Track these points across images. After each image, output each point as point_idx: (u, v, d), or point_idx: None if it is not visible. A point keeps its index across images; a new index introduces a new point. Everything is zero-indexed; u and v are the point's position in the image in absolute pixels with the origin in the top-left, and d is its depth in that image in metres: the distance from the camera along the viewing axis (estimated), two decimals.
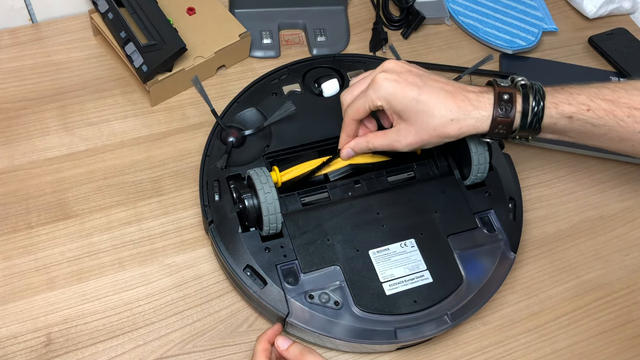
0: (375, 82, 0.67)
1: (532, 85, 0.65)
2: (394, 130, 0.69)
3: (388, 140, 0.69)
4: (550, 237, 0.82)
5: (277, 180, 0.73)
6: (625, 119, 0.64)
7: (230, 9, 0.95)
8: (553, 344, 0.74)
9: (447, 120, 0.65)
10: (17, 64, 0.88)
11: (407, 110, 0.66)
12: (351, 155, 0.74)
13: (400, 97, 0.66)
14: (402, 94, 0.66)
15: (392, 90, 0.66)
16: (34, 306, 0.70)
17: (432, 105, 0.65)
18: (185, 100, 0.88)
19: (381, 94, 0.67)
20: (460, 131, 0.66)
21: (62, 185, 0.79)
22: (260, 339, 0.65)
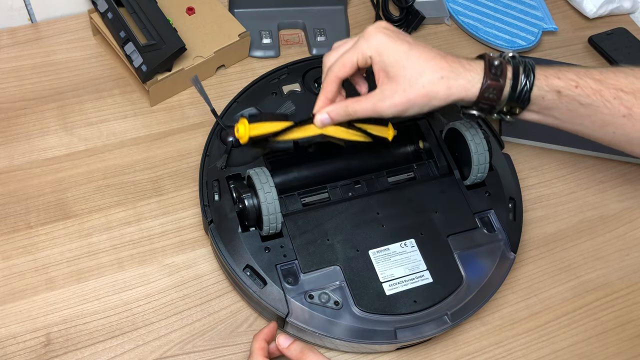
0: (367, 33, 0.65)
1: (522, 59, 0.65)
2: (377, 92, 0.65)
3: (370, 103, 0.65)
4: (550, 237, 0.82)
5: (244, 134, 0.68)
6: (611, 100, 0.64)
7: (230, 9, 0.95)
8: (553, 344, 0.74)
9: (437, 77, 0.63)
10: (16, 63, 0.88)
11: (396, 64, 0.63)
12: (327, 122, 0.68)
13: (391, 48, 0.64)
14: (393, 46, 0.64)
15: (385, 41, 0.64)
16: (33, 306, 0.70)
17: (423, 61, 0.63)
18: (185, 100, 0.88)
19: (372, 44, 0.64)
20: (449, 91, 0.63)
21: (62, 185, 0.79)
22: (257, 337, 0.65)
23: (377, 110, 0.65)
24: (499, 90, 0.63)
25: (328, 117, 0.67)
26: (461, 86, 0.63)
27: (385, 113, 0.65)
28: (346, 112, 0.66)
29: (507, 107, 0.65)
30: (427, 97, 0.63)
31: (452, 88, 0.63)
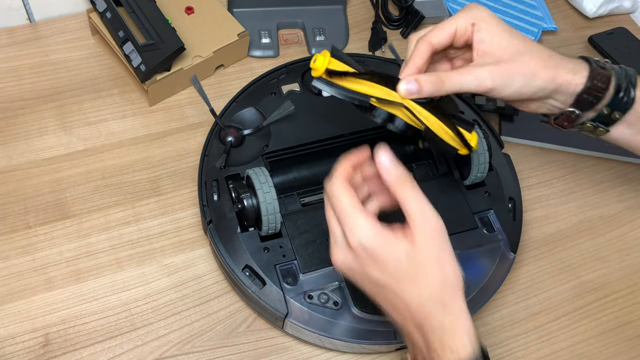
0: (468, 6, 0.61)
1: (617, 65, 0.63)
2: (476, 62, 0.60)
3: (470, 71, 0.59)
4: (550, 237, 0.82)
5: (321, 66, 0.59)
6: None
7: (229, 8, 0.95)
8: (553, 344, 0.74)
9: (545, 55, 0.60)
10: (14, 63, 0.88)
11: (501, 36, 0.59)
12: (413, 90, 0.58)
13: (496, 20, 0.60)
14: (498, 20, 0.60)
15: (489, 12, 0.60)
16: (32, 306, 0.70)
17: (529, 43, 0.60)
18: (184, 100, 0.87)
19: (476, 13, 0.60)
20: (555, 71, 0.59)
21: (60, 185, 0.78)
22: (343, 161, 0.58)
23: (477, 77, 0.58)
24: (607, 79, 0.60)
25: (416, 85, 0.58)
26: (569, 69, 0.60)
27: (484, 81, 0.58)
28: (439, 81, 0.58)
29: (606, 110, 0.62)
30: (534, 69, 0.59)
31: (559, 67, 0.60)
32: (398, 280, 0.54)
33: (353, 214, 0.54)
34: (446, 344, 0.53)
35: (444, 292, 0.54)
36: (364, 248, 0.54)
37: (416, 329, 0.55)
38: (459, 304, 0.54)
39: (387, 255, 0.54)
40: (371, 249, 0.54)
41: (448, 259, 0.54)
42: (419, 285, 0.54)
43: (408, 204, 0.54)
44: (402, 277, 0.54)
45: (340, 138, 0.77)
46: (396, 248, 0.54)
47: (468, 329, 0.54)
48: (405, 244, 0.54)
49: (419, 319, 0.54)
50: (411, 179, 0.55)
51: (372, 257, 0.54)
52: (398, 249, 0.53)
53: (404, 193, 0.54)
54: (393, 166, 0.55)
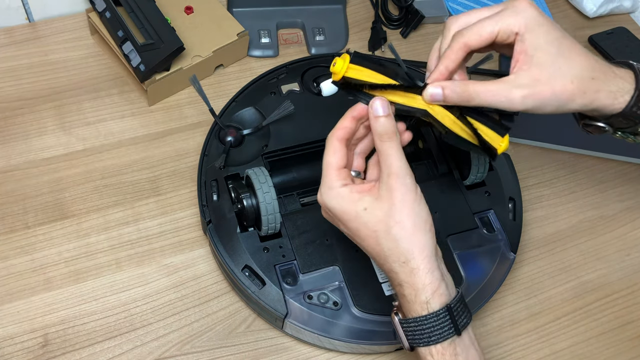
0: (517, 3, 0.56)
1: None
2: (511, 77, 0.56)
3: (501, 88, 0.55)
4: (550, 237, 0.82)
5: (339, 71, 0.58)
6: None
7: (229, 8, 0.95)
8: (553, 344, 0.74)
9: (588, 76, 0.56)
10: (13, 63, 0.87)
11: (546, 49, 0.55)
12: (438, 98, 0.57)
13: (544, 29, 0.55)
14: (546, 27, 0.55)
15: (538, 19, 0.55)
16: (31, 307, 0.70)
17: (575, 54, 0.56)
18: (183, 100, 0.87)
19: (523, 18, 0.55)
20: (595, 95, 0.56)
21: (59, 185, 0.78)
22: (346, 114, 0.59)
23: (508, 98, 0.55)
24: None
25: (441, 92, 0.57)
26: (610, 93, 0.57)
27: (515, 104, 0.55)
28: (465, 92, 0.56)
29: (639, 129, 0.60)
30: (572, 95, 0.56)
31: (600, 92, 0.56)
32: (359, 236, 0.57)
33: (325, 171, 0.58)
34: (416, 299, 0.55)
35: (400, 253, 0.55)
36: (323, 205, 0.58)
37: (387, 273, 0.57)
38: (416, 262, 0.54)
39: (343, 213, 0.56)
40: (328, 208, 0.58)
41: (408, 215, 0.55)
42: (379, 243, 0.56)
43: (383, 161, 0.56)
44: (362, 234, 0.56)
45: None
46: (354, 206, 0.56)
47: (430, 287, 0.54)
48: (368, 200, 0.56)
49: (385, 269, 0.57)
50: (397, 137, 0.56)
51: (332, 214, 0.58)
52: (356, 207, 0.56)
53: (383, 147, 0.56)
54: (384, 117, 0.56)
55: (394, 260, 0.55)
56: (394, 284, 0.57)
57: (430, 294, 0.54)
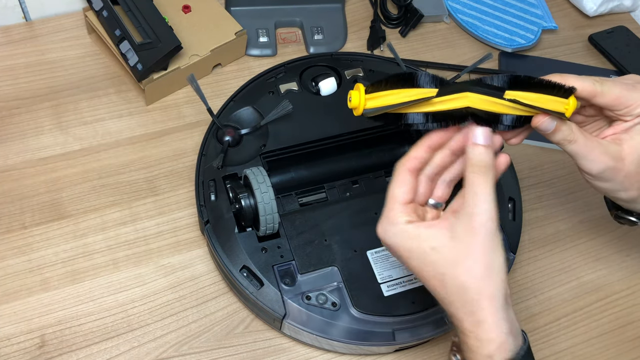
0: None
1: None
2: (603, 142, 0.57)
3: (595, 147, 0.57)
4: (550, 237, 0.81)
5: (358, 105, 0.55)
6: None
7: (227, 7, 0.94)
8: (553, 345, 0.73)
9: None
10: (10, 62, 0.87)
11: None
12: (546, 130, 0.56)
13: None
14: None
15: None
16: (28, 307, 0.70)
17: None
18: (181, 99, 0.87)
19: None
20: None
21: (56, 185, 0.78)
22: (420, 143, 0.56)
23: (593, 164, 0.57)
24: None
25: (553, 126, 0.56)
26: None
27: (595, 167, 0.57)
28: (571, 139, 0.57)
29: None
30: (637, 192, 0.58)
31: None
32: (422, 275, 0.53)
33: (389, 204, 0.55)
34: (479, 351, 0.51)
35: (467, 302, 0.51)
36: (384, 241, 0.55)
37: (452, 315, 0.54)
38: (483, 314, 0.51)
39: (407, 251, 0.53)
40: (389, 245, 0.55)
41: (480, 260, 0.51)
42: (444, 286, 0.52)
43: (470, 197, 0.52)
44: (426, 274, 0.53)
45: (339, 137, 0.76)
46: (420, 244, 0.52)
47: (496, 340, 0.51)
48: (439, 238, 0.52)
49: (449, 312, 0.54)
50: (492, 173, 0.53)
51: (393, 251, 0.55)
52: (423, 245, 0.52)
53: (473, 180, 0.52)
54: (483, 147, 0.53)
55: (458, 307, 0.52)
56: (456, 325, 0.53)
57: (495, 348, 0.51)
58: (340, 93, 0.80)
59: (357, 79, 0.81)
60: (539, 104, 0.55)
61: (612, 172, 0.57)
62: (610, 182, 0.58)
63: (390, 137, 0.78)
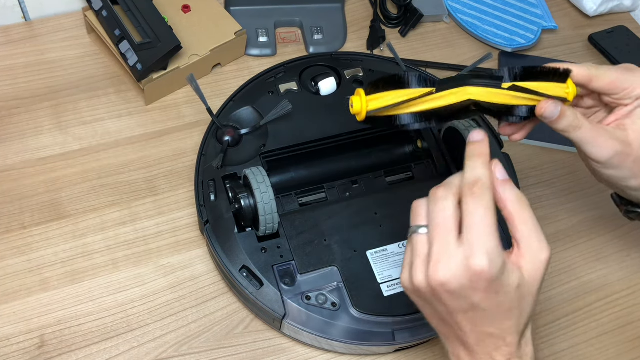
0: None
1: None
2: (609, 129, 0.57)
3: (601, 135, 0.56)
4: (550, 237, 0.80)
5: (361, 110, 0.54)
6: None
7: (226, 7, 0.94)
8: (553, 345, 0.73)
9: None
10: (10, 62, 0.87)
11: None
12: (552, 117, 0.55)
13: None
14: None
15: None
16: (27, 307, 0.69)
17: None
18: (181, 99, 0.87)
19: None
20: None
21: (56, 185, 0.78)
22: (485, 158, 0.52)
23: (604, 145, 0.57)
24: None
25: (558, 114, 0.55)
26: None
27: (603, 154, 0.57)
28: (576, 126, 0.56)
29: None
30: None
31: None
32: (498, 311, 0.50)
33: (494, 233, 0.49)
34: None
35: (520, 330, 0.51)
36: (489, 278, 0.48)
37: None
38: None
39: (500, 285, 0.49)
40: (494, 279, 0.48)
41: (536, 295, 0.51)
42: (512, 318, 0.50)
43: (524, 228, 0.51)
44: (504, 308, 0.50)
45: (338, 137, 0.76)
46: (510, 278, 0.49)
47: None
48: (518, 274, 0.49)
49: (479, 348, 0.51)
50: (527, 201, 0.52)
51: (491, 286, 0.48)
52: (512, 279, 0.49)
53: (522, 215, 0.51)
54: (511, 186, 0.51)
55: (523, 330, 0.51)
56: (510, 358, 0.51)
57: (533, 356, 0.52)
58: (340, 93, 0.80)
59: (357, 78, 0.81)
60: (538, 90, 0.55)
61: (621, 158, 0.57)
62: (619, 168, 0.57)
63: (390, 137, 0.78)
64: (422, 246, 0.51)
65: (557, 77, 0.55)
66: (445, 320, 0.52)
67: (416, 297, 0.53)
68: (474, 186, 0.50)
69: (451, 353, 0.54)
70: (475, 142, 0.52)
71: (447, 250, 0.48)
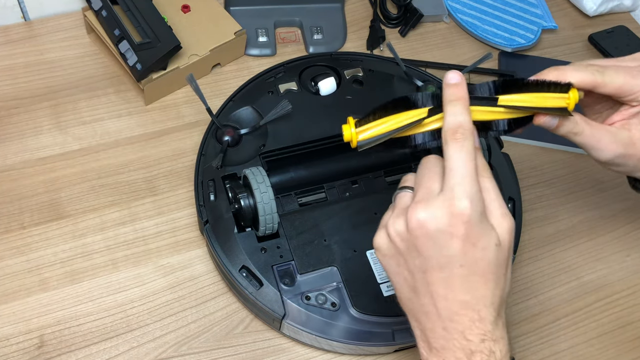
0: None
1: None
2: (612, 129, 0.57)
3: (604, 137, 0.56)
4: (550, 237, 0.81)
5: (349, 137, 0.54)
6: None
7: (226, 7, 0.94)
8: (552, 345, 0.73)
9: None
10: (9, 62, 0.87)
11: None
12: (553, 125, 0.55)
13: None
14: None
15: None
16: (27, 308, 0.69)
17: None
18: (180, 99, 0.87)
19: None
20: None
21: (55, 185, 0.78)
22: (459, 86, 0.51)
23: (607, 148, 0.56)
24: None
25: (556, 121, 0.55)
26: None
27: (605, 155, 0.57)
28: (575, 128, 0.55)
29: None
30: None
31: None
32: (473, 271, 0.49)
33: (474, 178, 0.49)
34: None
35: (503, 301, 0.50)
36: (469, 220, 0.47)
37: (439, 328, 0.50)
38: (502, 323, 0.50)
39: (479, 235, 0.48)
40: (473, 225, 0.48)
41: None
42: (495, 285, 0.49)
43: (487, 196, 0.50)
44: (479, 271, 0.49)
45: (338, 137, 0.75)
46: (489, 233, 0.49)
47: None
48: (494, 232, 0.49)
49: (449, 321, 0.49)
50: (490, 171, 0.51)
51: (469, 233, 0.48)
52: (491, 235, 0.49)
53: (485, 184, 0.51)
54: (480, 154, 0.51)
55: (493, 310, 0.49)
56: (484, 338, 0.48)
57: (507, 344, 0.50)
58: (339, 93, 0.80)
59: (356, 78, 0.81)
60: (536, 104, 0.54)
61: (624, 158, 0.57)
62: (624, 166, 0.58)
63: None
64: (406, 199, 0.51)
65: (557, 87, 0.54)
66: (417, 289, 0.50)
67: (389, 257, 0.52)
68: (456, 132, 0.49)
69: (420, 338, 0.52)
70: (453, 85, 0.51)
71: (429, 194, 0.49)
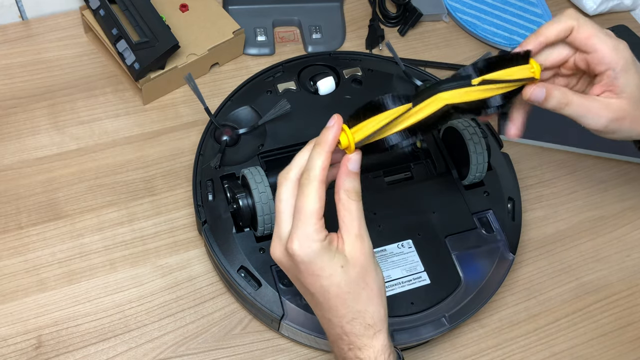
0: (621, 45, 0.58)
1: None
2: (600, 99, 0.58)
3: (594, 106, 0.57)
4: (550, 237, 0.81)
5: (348, 144, 0.54)
6: None
7: (224, 6, 0.94)
8: (552, 346, 0.73)
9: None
10: (6, 61, 0.87)
11: (635, 90, 0.58)
12: (539, 98, 0.56)
13: (635, 73, 0.58)
14: (636, 71, 0.58)
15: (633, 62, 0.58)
16: (24, 308, 0.69)
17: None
18: (178, 99, 0.87)
19: (622, 58, 0.58)
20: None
21: (53, 185, 0.77)
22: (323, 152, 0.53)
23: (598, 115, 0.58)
24: None
25: (544, 94, 0.56)
26: None
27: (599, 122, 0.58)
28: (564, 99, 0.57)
29: None
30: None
31: None
32: (324, 296, 0.53)
33: (306, 219, 0.51)
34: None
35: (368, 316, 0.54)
36: (296, 257, 0.52)
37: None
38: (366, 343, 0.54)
39: (320, 269, 0.52)
40: (303, 262, 0.52)
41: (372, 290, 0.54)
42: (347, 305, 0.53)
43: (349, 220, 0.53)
44: (331, 294, 0.53)
45: None
46: (333, 263, 0.52)
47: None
48: (343, 258, 0.52)
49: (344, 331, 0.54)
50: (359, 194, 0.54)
51: (302, 268, 0.52)
52: (335, 264, 0.52)
53: (350, 205, 0.53)
54: (353, 179, 0.53)
55: (359, 322, 0.53)
56: (351, 347, 0.54)
57: (387, 355, 0.54)
58: (338, 92, 0.80)
59: (355, 77, 0.81)
60: (507, 77, 0.56)
61: (618, 123, 0.58)
62: (619, 131, 0.59)
63: None
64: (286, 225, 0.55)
65: (520, 60, 0.56)
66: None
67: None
68: (303, 175, 0.53)
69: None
70: (327, 128, 0.53)
71: (276, 232, 0.54)
